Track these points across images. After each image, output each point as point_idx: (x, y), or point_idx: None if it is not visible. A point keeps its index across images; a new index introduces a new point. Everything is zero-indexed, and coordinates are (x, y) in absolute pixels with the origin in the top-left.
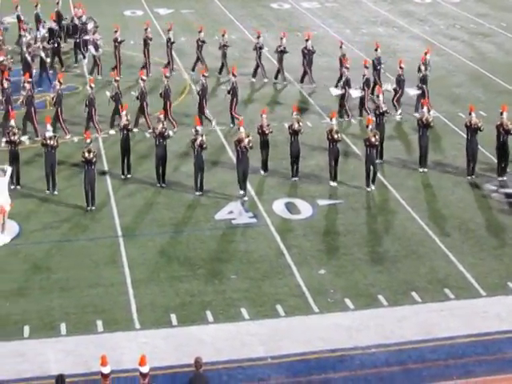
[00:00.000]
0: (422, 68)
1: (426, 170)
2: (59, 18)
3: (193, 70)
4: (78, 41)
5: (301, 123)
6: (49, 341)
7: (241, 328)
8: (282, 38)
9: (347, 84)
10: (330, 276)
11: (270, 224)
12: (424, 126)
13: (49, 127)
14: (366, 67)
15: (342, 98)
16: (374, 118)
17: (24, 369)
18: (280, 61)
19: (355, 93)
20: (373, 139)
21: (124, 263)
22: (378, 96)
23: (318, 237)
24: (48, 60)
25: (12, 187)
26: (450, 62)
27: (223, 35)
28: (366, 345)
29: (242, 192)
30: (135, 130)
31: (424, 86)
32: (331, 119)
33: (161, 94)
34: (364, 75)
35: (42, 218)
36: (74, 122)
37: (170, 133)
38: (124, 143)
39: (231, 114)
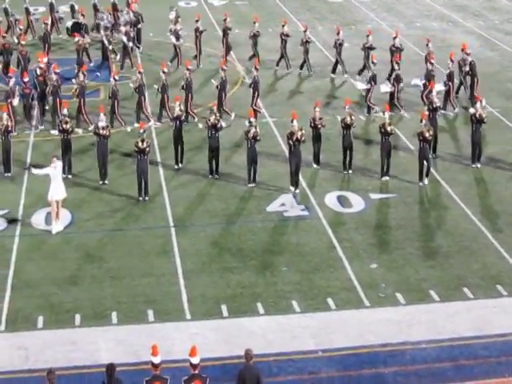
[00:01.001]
0: (450, 64)
1: (478, 165)
2: (115, 9)
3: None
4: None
5: (353, 117)
6: (100, 329)
7: (291, 320)
8: (338, 33)
9: (397, 80)
10: (382, 270)
11: (321, 217)
12: (477, 122)
13: (102, 117)
14: (398, 63)
15: (393, 92)
16: (427, 113)
17: (75, 357)
18: (339, 54)
19: (384, 87)
20: (427, 134)
21: (175, 253)
22: (431, 91)
23: (370, 231)
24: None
25: (64, 176)
26: (505, 57)
27: (283, 26)
28: (417, 340)
29: (292, 188)
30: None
31: (450, 83)
32: (384, 113)
33: (217, 86)
34: (394, 70)
35: (95, 208)
36: (126, 112)
37: (223, 124)
38: (177, 134)
39: (252, 108)
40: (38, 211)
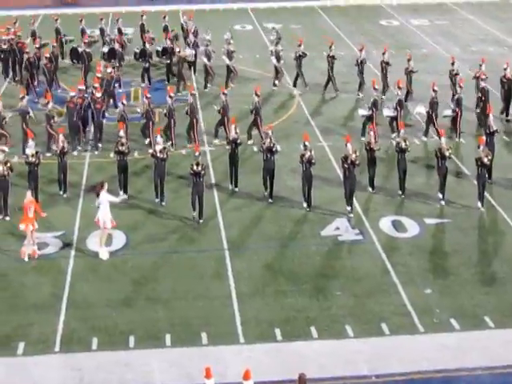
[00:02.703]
0: (458, 89)
1: None
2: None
3: (294, 85)
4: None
5: (408, 142)
6: (153, 351)
7: (345, 345)
8: (384, 53)
9: (458, 103)
10: (436, 296)
11: (376, 241)
12: None
13: (159, 139)
14: (460, 87)
15: (455, 117)
16: (484, 138)
17: (129, 378)
18: (385, 76)
19: (387, 111)
20: (485, 159)
21: (229, 276)
22: (488, 115)
23: (425, 256)
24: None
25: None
26: None
27: (330, 47)
28: (472, 366)
29: (348, 208)
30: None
31: (457, 108)
32: (440, 137)
33: (219, 111)
34: (455, 94)
35: (150, 229)
36: (180, 133)
37: (278, 148)
38: (232, 156)
39: (260, 132)
40: (92, 233)
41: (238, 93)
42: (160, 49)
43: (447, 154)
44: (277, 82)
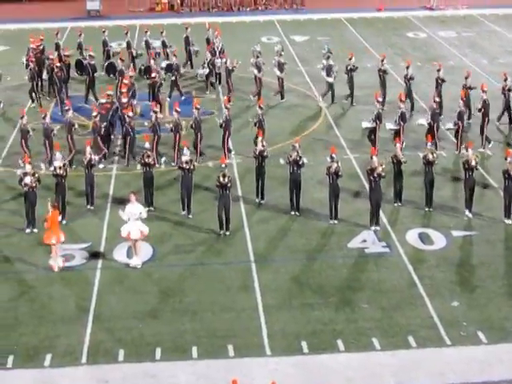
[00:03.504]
0: (460, 103)
1: None
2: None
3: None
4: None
5: (435, 154)
6: (180, 363)
7: (372, 358)
8: (407, 67)
9: (460, 117)
10: (463, 308)
11: (402, 254)
12: None
13: (186, 151)
14: (463, 100)
15: (457, 130)
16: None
17: None
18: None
19: (389, 125)
20: None
21: (256, 288)
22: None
23: (452, 268)
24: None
25: (146, 209)
26: None
27: (350, 59)
28: (499, 379)
29: (373, 228)
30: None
31: (459, 122)
32: (467, 149)
33: (221, 125)
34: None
35: (176, 241)
36: (209, 145)
37: (305, 160)
38: (259, 169)
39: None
40: (119, 245)
41: (264, 104)
42: (164, 65)
43: (474, 165)
44: (253, 97)
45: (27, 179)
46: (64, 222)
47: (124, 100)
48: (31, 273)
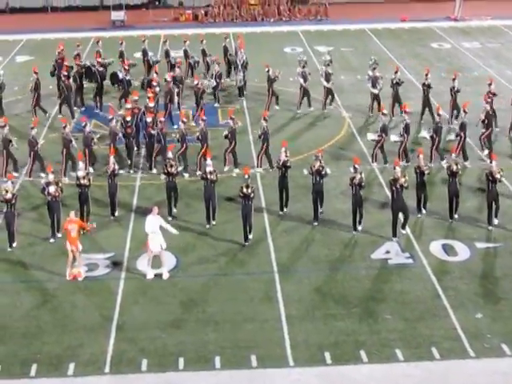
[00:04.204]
0: (462, 114)
1: None
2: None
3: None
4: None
5: (459, 165)
6: (203, 374)
7: (395, 369)
8: (454, 79)
9: (462, 128)
10: (487, 320)
11: (426, 265)
12: None
13: (209, 161)
14: (465, 111)
15: (458, 141)
16: None
17: None
18: (454, 100)
19: (394, 137)
20: None
21: (279, 299)
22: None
23: (476, 280)
24: None
25: (170, 219)
26: None
27: (396, 72)
28: None
29: (394, 239)
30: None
31: (462, 133)
32: (491, 161)
33: (226, 136)
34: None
35: (200, 251)
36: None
37: (328, 170)
38: (282, 180)
39: (258, 157)
40: (143, 254)
41: (287, 115)
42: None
43: (497, 177)
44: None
45: (51, 188)
46: (89, 224)
47: (151, 105)
48: (54, 282)
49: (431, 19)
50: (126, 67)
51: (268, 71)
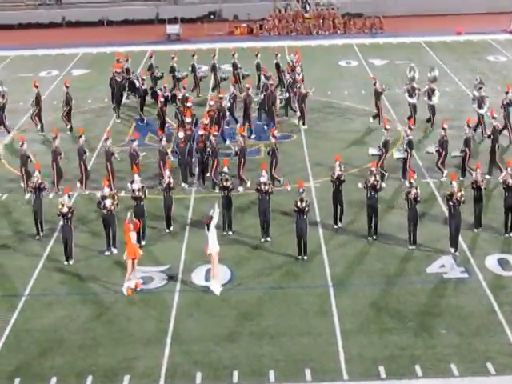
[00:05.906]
0: (467, 130)
1: None
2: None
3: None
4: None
5: None
6: None
7: None
8: (507, 92)
9: (467, 144)
10: None
11: (481, 280)
12: None
13: (263, 173)
14: (469, 126)
15: (464, 157)
16: None
17: None
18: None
19: (397, 154)
20: None
21: (334, 313)
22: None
23: None
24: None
25: (224, 233)
26: None
27: (507, 93)
28: None
29: (452, 250)
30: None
31: (466, 149)
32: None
33: (236, 153)
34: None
35: (254, 265)
36: (286, 170)
37: (383, 185)
38: (336, 194)
39: (271, 175)
40: (198, 267)
41: (343, 129)
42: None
43: None
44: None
45: (107, 202)
46: (143, 242)
47: (188, 120)
48: (109, 294)
49: (487, 32)
50: (144, 77)
51: (375, 84)
